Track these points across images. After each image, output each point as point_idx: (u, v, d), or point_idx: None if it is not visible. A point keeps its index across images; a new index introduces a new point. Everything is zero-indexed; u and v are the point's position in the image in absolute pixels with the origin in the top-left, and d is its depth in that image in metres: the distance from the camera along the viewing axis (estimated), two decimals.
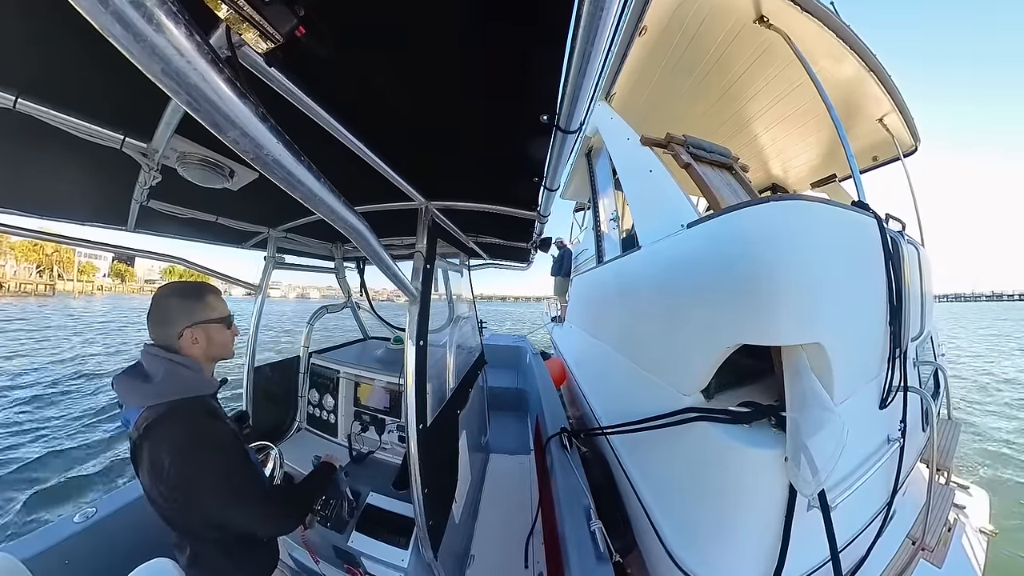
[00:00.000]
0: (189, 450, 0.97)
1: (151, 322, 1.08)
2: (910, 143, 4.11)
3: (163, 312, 1.08)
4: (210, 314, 1.14)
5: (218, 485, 0.99)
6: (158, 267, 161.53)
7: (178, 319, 1.08)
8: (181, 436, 0.97)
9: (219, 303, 1.18)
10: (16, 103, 0.81)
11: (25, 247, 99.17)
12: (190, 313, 1.10)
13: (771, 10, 2.80)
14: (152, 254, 1.98)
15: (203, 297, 1.14)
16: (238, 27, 0.53)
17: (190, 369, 1.07)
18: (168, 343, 1.08)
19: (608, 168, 3.95)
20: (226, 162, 1.18)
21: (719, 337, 1.53)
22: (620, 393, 2.65)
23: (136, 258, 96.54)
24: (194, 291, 1.13)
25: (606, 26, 0.57)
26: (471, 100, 0.96)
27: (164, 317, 1.08)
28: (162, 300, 1.08)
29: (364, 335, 3.34)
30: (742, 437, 1.42)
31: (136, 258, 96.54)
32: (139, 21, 0.31)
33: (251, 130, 0.44)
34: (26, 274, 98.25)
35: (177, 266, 2.02)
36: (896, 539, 1.94)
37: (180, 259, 2.05)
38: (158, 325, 1.08)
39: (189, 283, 1.14)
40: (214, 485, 0.98)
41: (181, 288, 1.12)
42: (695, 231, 1.82)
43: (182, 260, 2.05)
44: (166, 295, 1.09)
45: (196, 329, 1.09)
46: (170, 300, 1.08)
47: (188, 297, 1.11)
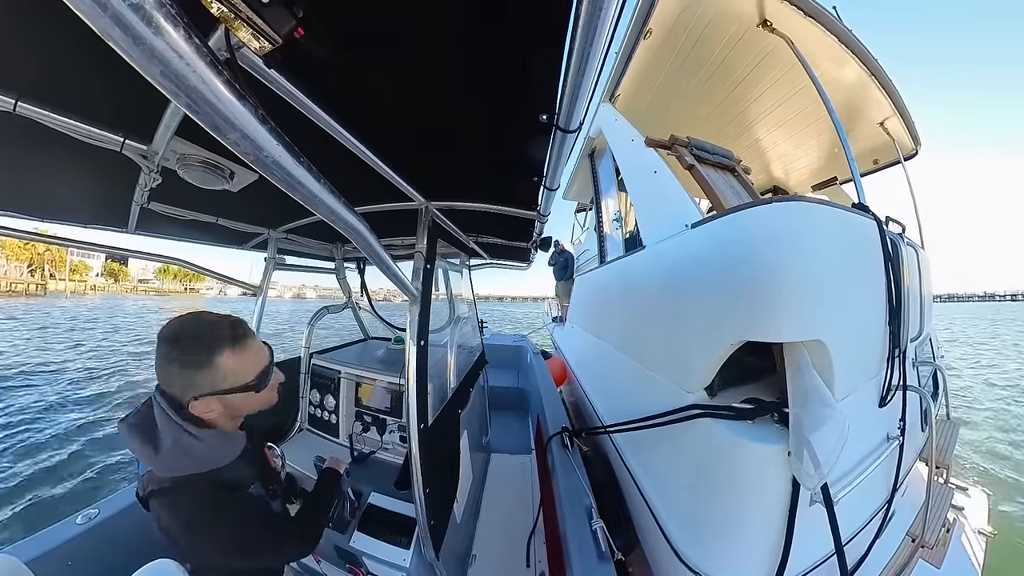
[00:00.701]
0: (196, 525, 0.88)
1: (157, 369, 0.86)
2: (911, 147, 4.11)
3: (166, 373, 0.86)
4: (226, 383, 0.88)
5: (230, 551, 0.92)
6: (152, 267, 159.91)
7: (183, 389, 0.86)
8: (187, 512, 0.88)
9: (242, 363, 0.91)
10: (16, 106, 0.81)
11: (16, 246, 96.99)
12: (195, 386, 0.86)
13: (774, 14, 2.81)
14: (152, 256, 1.98)
15: (212, 361, 0.86)
16: (237, 29, 0.53)
17: (203, 443, 0.88)
18: (177, 399, 0.88)
19: (611, 169, 3.96)
20: (226, 164, 1.18)
21: (723, 334, 1.54)
22: (623, 391, 2.65)
23: (130, 257, 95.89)
24: (201, 354, 0.85)
25: (605, 25, 0.57)
26: (470, 100, 0.96)
27: (168, 379, 0.86)
28: (162, 357, 0.85)
29: (365, 335, 3.34)
30: (746, 433, 1.43)
31: (130, 257, 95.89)
32: (138, 24, 0.31)
33: (251, 132, 0.45)
34: (17, 273, 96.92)
35: (171, 265, 2.01)
36: (896, 538, 1.94)
37: (180, 260, 2.05)
38: (162, 377, 0.87)
39: (195, 340, 0.86)
40: (226, 552, 0.92)
41: (184, 347, 0.85)
42: (699, 231, 1.83)
43: (182, 261, 2.05)
44: (165, 354, 0.84)
45: (209, 400, 0.88)
46: (170, 367, 0.85)
47: (189, 366, 0.85)
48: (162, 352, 0.84)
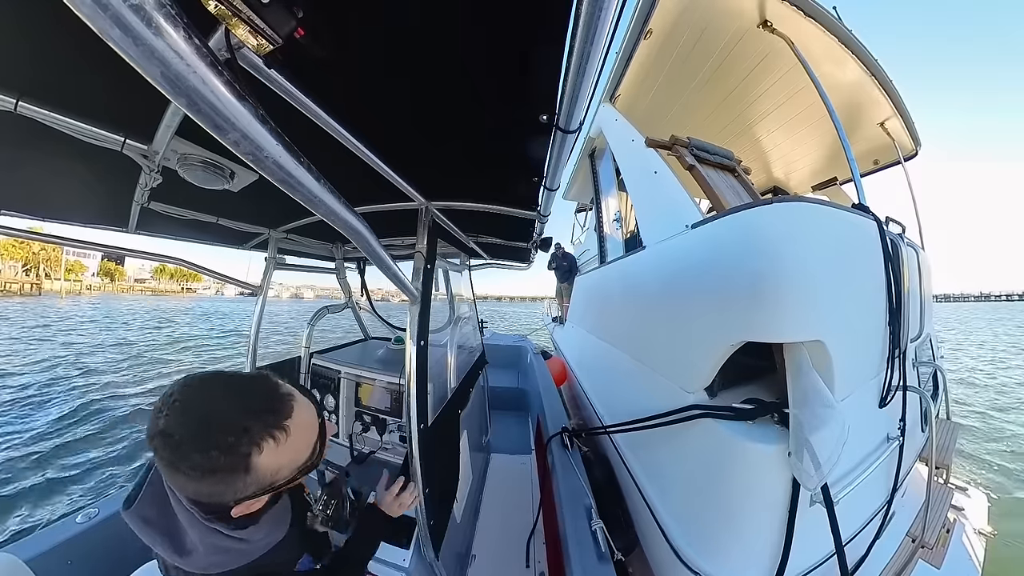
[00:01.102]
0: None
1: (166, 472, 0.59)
2: (911, 147, 4.11)
3: (185, 483, 0.59)
4: (277, 477, 0.65)
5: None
6: (149, 266, 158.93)
7: (213, 497, 0.62)
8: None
9: (293, 449, 0.66)
10: (17, 106, 0.81)
11: (10, 245, 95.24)
12: (234, 491, 0.61)
13: (775, 15, 2.81)
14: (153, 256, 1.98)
15: (251, 465, 0.60)
16: (237, 29, 0.53)
17: (245, 541, 0.71)
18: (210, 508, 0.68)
19: (612, 169, 3.96)
20: (226, 164, 1.18)
21: (723, 335, 1.54)
22: (623, 391, 2.65)
23: (126, 257, 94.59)
24: (236, 456, 0.58)
25: (605, 26, 0.57)
26: (470, 100, 0.96)
27: (187, 488, 0.61)
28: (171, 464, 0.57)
29: (365, 335, 3.34)
30: (746, 433, 1.44)
31: (126, 257, 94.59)
32: (138, 24, 0.31)
33: (251, 132, 0.45)
34: (11, 273, 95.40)
35: (168, 265, 2.00)
36: (896, 538, 1.94)
37: (181, 260, 2.05)
38: (180, 488, 0.63)
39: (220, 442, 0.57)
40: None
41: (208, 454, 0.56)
42: (700, 231, 1.83)
43: (183, 261, 2.05)
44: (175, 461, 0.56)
45: (252, 502, 0.65)
46: (187, 479, 0.57)
47: (219, 480, 0.59)
48: (171, 457, 0.56)
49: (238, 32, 0.53)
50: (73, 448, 5.83)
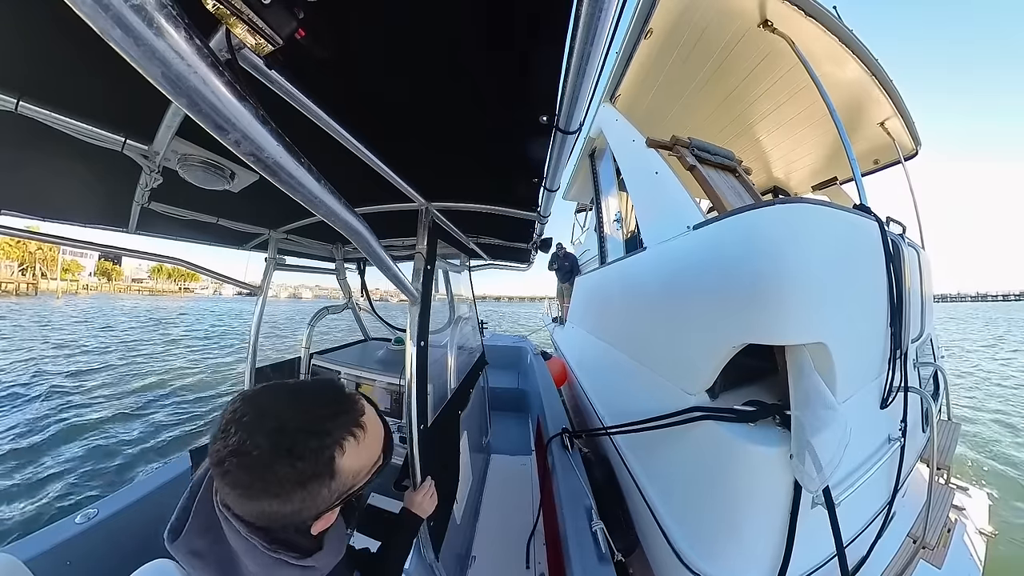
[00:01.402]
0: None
1: (230, 494, 0.54)
2: (911, 147, 4.12)
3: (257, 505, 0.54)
4: (355, 480, 0.62)
5: None
6: (146, 266, 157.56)
7: (292, 516, 0.57)
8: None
9: (368, 448, 0.63)
10: (18, 106, 0.81)
11: (6, 244, 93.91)
12: (314, 505, 0.58)
13: (775, 14, 2.81)
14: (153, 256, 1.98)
15: (335, 468, 0.57)
16: (237, 30, 0.53)
17: (312, 570, 0.63)
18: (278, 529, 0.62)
19: (612, 169, 3.96)
20: (227, 164, 1.18)
21: (725, 336, 1.54)
22: (623, 393, 2.65)
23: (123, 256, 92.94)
24: (320, 463, 0.56)
25: (605, 26, 0.57)
26: (471, 101, 0.96)
27: (257, 509, 0.55)
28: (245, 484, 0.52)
29: (365, 336, 3.34)
30: (747, 435, 1.43)
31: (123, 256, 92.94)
32: (139, 25, 0.31)
33: (252, 132, 0.45)
34: (7, 273, 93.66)
35: (166, 265, 2.00)
36: (897, 539, 1.94)
37: (181, 260, 2.05)
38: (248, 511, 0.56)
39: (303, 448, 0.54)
40: None
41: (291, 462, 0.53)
42: (701, 232, 1.83)
43: (183, 261, 2.05)
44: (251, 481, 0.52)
45: (330, 514, 0.62)
46: (271, 507, 0.54)
47: (304, 488, 0.55)
48: (250, 479, 0.52)
49: (239, 33, 0.53)
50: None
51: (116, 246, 1.67)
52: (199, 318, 31.32)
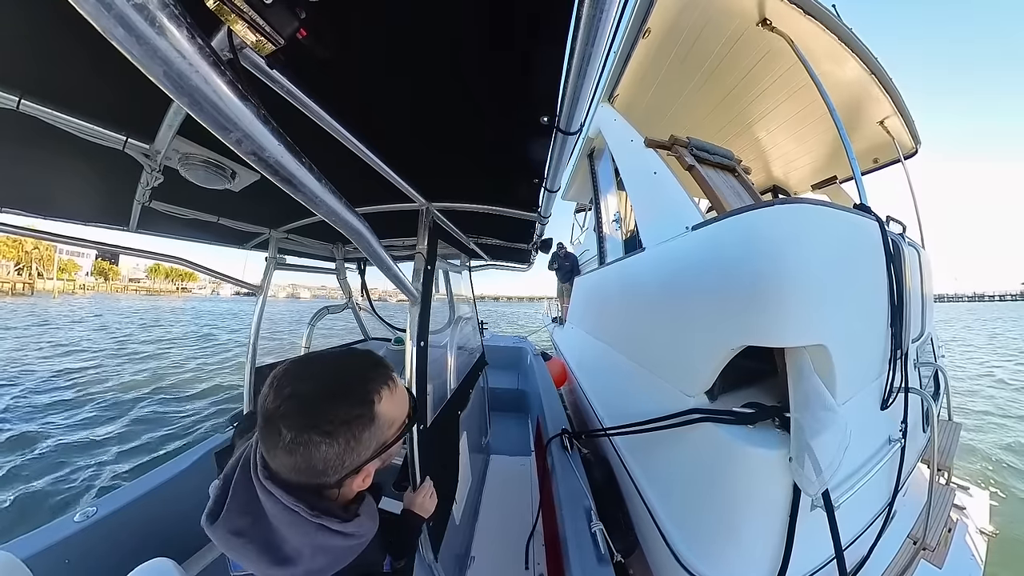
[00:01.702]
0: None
1: (277, 453, 0.58)
2: (910, 145, 4.11)
3: (301, 460, 0.57)
4: (389, 432, 0.66)
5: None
6: (144, 265, 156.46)
7: (336, 466, 0.60)
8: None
9: (399, 400, 0.68)
10: (20, 104, 0.81)
11: (1, 243, 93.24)
12: (357, 454, 0.61)
13: (774, 13, 2.81)
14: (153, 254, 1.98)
15: (375, 414, 0.62)
16: (239, 30, 0.53)
17: (352, 537, 0.64)
18: (304, 493, 0.62)
19: (611, 169, 3.96)
20: (228, 163, 1.18)
21: (724, 338, 1.53)
22: (623, 394, 2.65)
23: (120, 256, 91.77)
24: (364, 407, 0.61)
25: (606, 28, 0.57)
26: (472, 102, 0.96)
27: (306, 468, 0.58)
28: (290, 432, 0.56)
29: (365, 336, 3.34)
30: (746, 437, 1.43)
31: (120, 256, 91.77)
32: (141, 24, 0.31)
33: (253, 132, 0.45)
34: (3, 272, 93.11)
35: (163, 263, 2.00)
36: (897, 539, 1.94)
37: (181, 260, 2.05)
38: (289, 473, 0.59)
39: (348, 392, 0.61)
40: None
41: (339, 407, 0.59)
42: (700, 233, 1.82)
43: (183, 261, 2.06)
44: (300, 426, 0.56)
45: (368, 467, 0.64)
46: (320, 448, 0.57)
47: (351, 431, 0.59)
48: (304, 421, 0.56)
49: (240, 32, 0.53)
50: None
51: (117, 244, 1.67)
52: (194, 317, 31.12)
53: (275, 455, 0.58)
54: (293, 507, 0.59)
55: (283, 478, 0.60)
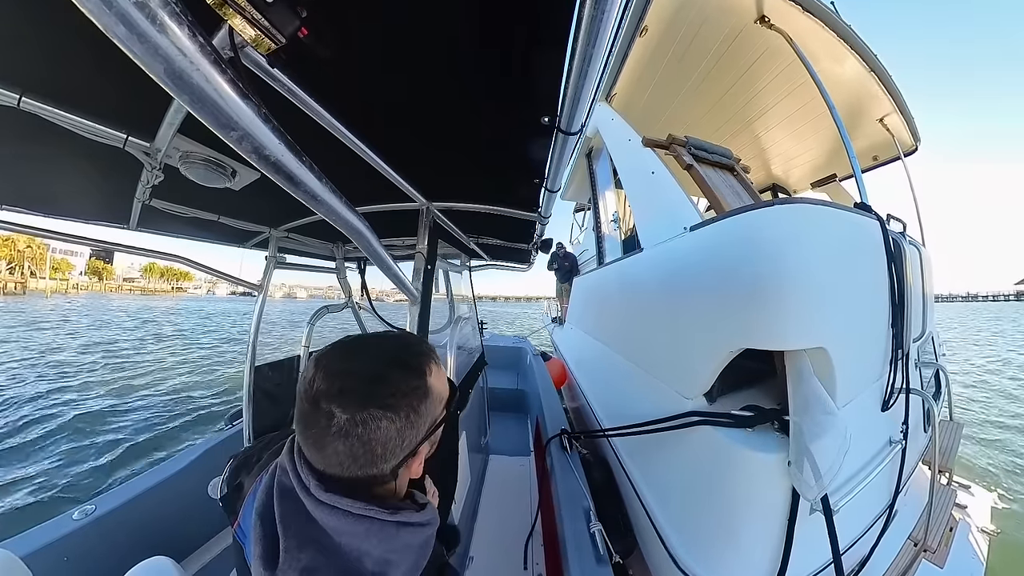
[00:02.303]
0: None
1: (341, 449, 0.51)
2: (910, 143, 4.10)
3: (359, 445, 0.50)
4: (439, 409, 0.60)
5: None
6: (138, 264, 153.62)
7: (396, 449, 0.53)
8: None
9: (443, 377, 0.63)
10: (20, 102, 0.81)
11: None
12: (415, 433, 0.55)
13: (772, 10, 2.80)
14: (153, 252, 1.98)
15: (428, 388, 0.57)
16: (241, 28, 0.53)
17: (430, 526, 0.60)
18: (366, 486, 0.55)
19: (609, 169, 3.95)
20: (228, 162, 1.18)
21: (723, 341, 1.52)
22: (621, 395, 2.65)
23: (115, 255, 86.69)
24: (419, 381, 0.56)
25: (607, 29, 0.57)
26: (472, 102, 0.96)
27: (364, 454, 0.51)
28: (342, 413, 0.49)
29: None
30: (745, 441, 1.41)
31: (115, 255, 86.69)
32: (142, 22, 0.31)
33: (253, 130, 0.45)
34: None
35: (157, 263, 2.00)
36: (898, 540, 1.94)
37: (182, 258, 2.05)
38: (346, 464, 0.52)
39: (404, 367, 0.56)
40: None
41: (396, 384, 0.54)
42: (698, 234, 1.82)
43: (183, 259, 2.05)
44: (356, 404, 0.50)
45: (421, 450, 0.58)
46: (379, 424, 0.50)
47: (412, 396, 0.54)
48: (363, 395, 0.51)
49: (242, 31, 0.53)
50: None
51: (117, 243, 1.67)
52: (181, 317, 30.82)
53: (325, 446, 0.51)
54: (366, 513, 0.52)
55: (340, 480, 0.53)
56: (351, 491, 0.53)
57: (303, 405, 0.52)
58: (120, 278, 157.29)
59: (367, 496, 0.54)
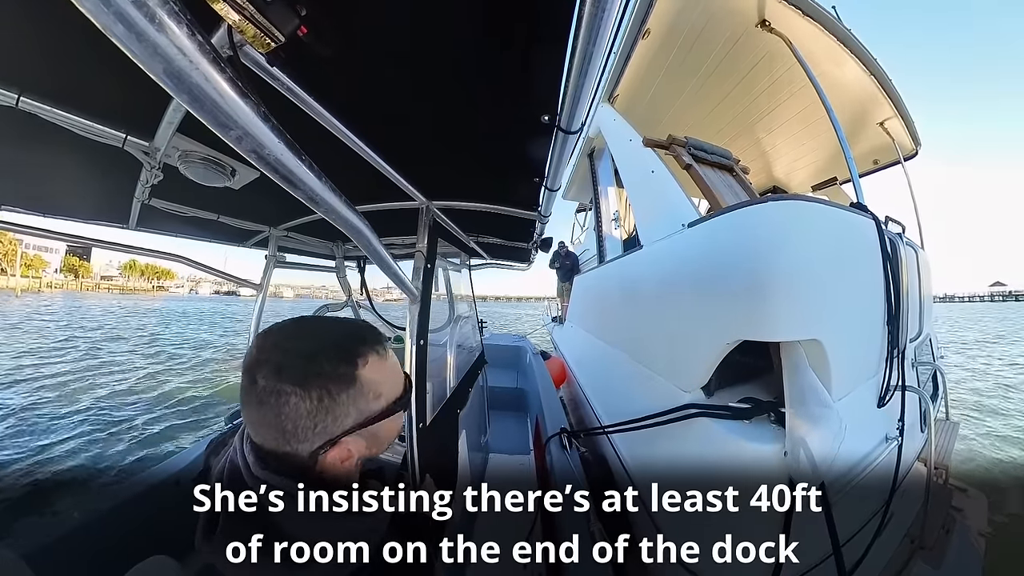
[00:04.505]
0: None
1: (249, 414, 0.53)
2: (910, 147, 4.12)
3: (274, 414, 0.51)
4: (376, 405, 0.57)
5: None
6: (117, 262, 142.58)
7: (309, 431, 0.52)
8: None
9: (388, 371, 0.60)
10: (19, 101, 0.81)
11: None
12: (335, 416, 0.53)
13: (773, 15, 2.82)
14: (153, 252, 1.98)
15: (356, 377, 0.54)
16: (240, 27, 0.53)
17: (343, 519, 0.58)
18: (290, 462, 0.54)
19: (610, 168, 3.96)
20: (228, 161, 1.18)
21: (719, 333, 1.54)
22: (621, 391, 2.66)
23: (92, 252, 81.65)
24: (342, 366, 0.54)
25: (607, 27, 0.57)
26: (472, 100, 0.97)
27: (278, 423, 0.51)
28: (266, 382, 0.51)
29: None
30: (742, 432, 1.44)
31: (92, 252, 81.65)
32: (141, 21, 0.31)
33: (253, 129, 0.45)
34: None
35: (138, 260, 1.94)
36: (894, 539, 1.94)
37: (181, 257, 2.05)
38: (266, 431, 0.53)
39: (331, 348, 0.55)
40: None
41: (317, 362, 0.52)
42: (696, 230, 1.83)
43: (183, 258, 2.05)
44: (275, 375, 0.51)
45: (352, 440, 0.55)
46: (290, 399, 0.50)
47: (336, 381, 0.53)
48: (254, 380, 0.51)
49: (241, 30, 0.53)
50: None
51: (116, 242, 1.67)
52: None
53: (249, 414, 0.53)
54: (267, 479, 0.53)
55: (275, 457, 0.54)
56: (282, 470, 0.53)
57: (242, 377, 0.53)
58: (98, 276, 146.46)
59: (298, 478, 0.53)
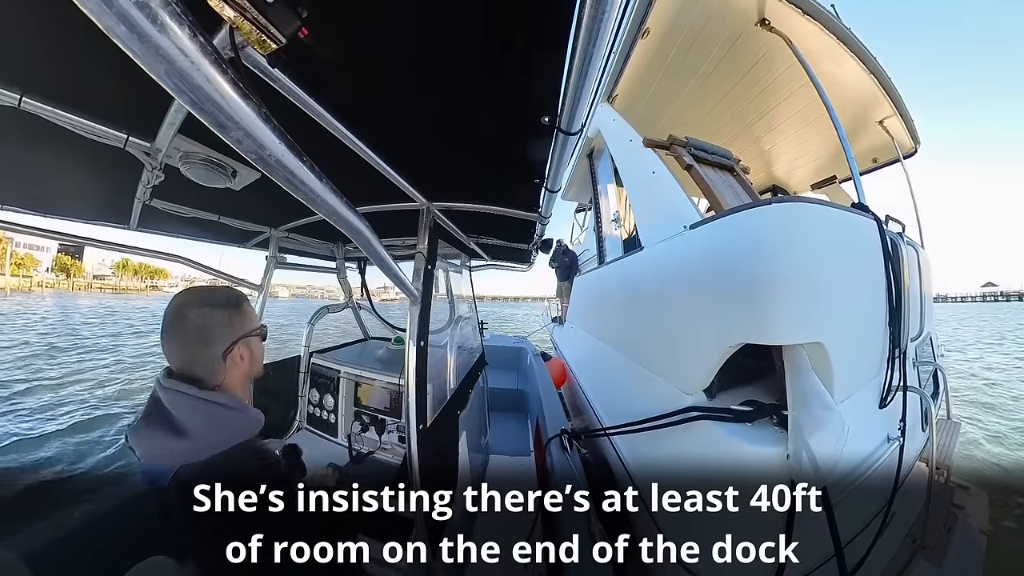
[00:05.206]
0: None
1: (175, 343, 0.82)
2: (910, 145, 4.12)
3: (199, 329, 0.82)
4: (251, 324, 0.92)
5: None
6: (110, 261, 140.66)
7: (222, 335, 0.84)
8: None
9: (251, 309, 0.96)
10: (21, 102, 0.81)
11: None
12: (233, 326, 0.86)
13: (773, 13, 2.82)
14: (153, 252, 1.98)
15: (241, 304, 0.91)
16: (241, 28, 0.53)
17: (236, 411, 0.84)
18: (198, 373, 0.82)
19: (610, 169, 3.96)
20: (229, 162, 1.18)
21: (722, 336, 1.54)
22: (622, 393, 2.66)
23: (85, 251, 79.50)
24: (233, 298, 0.91)
25: (607, 29, 0.58)
26: (473, 101, 0.97)
27: (202, 335, 0.82)
28: (193, 311, 0.82)
29: (365, 335, 3.34)
30: (744, 435, 1.44)
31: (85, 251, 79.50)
32: (143, 22, 0.31)
33: (254, 131, 0.45)
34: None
35: (131, 259, 1.93)
36: (896, 539, 1.94)
37: (181, 258, 2.05)
38: (190, 346, 0.82)
39: (220, 289, 0.94)
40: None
41: (218, 296, 0.88)
42: (698, 232, 1.83)
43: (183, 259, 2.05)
44: (198, 304, 0.83)
45: (241, 346, 0.88)
46: (212, 313, 0.84)
47: (229, 306, 0.88)
48: (188, 312, 0.82)
49: (243, 31, 0.53)
50: None
51: (117, 243, 1.67)
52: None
53: (172, 340, 0.82)
54: (185, 389, 0.78)
55: (180, 374, 0.81)
56: (185, 379, 0.80)
57: (169, 323, 0.82)
58: (90, 275, 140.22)
59: (198, 385, 0.80)
